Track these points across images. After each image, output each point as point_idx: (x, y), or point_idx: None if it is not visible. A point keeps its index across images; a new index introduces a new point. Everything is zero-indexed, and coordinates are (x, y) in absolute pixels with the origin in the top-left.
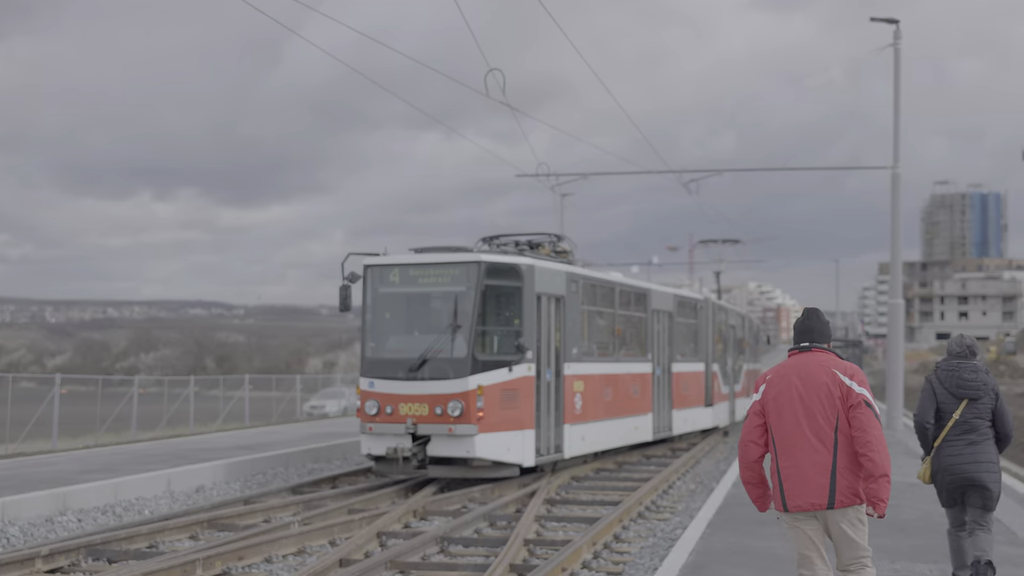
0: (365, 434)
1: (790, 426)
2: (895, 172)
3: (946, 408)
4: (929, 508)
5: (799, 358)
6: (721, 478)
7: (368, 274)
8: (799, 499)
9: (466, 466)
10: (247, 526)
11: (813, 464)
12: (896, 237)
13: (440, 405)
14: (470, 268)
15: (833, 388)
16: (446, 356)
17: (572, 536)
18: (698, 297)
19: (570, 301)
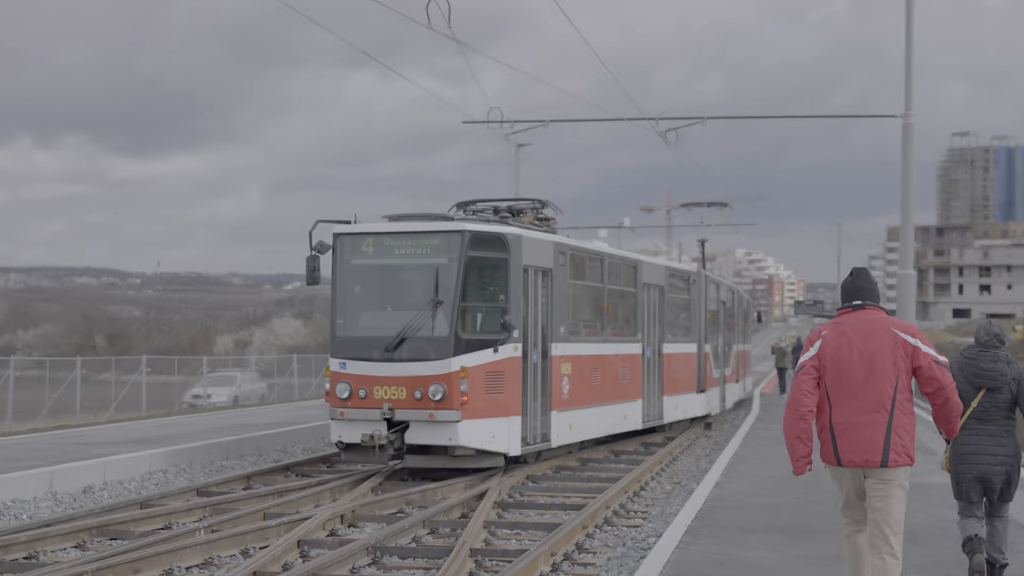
0: (336, 420)
1: (848, 383)
2: (907, 121)
3: (965, 397)
4: (942, 513)
5: (855, 316)
6: (702, 478)
7: (338, 243)
8: (853, 455)
9: (447, 455)
10: (144, 533)
11: (870, 422)
12: (907, 198)
13: (420, 388)
14: (452, 238)
15: (896, 348)
16: (426, 335)
17: (527, 545)
18: (691, 270)
19: (558, 275)
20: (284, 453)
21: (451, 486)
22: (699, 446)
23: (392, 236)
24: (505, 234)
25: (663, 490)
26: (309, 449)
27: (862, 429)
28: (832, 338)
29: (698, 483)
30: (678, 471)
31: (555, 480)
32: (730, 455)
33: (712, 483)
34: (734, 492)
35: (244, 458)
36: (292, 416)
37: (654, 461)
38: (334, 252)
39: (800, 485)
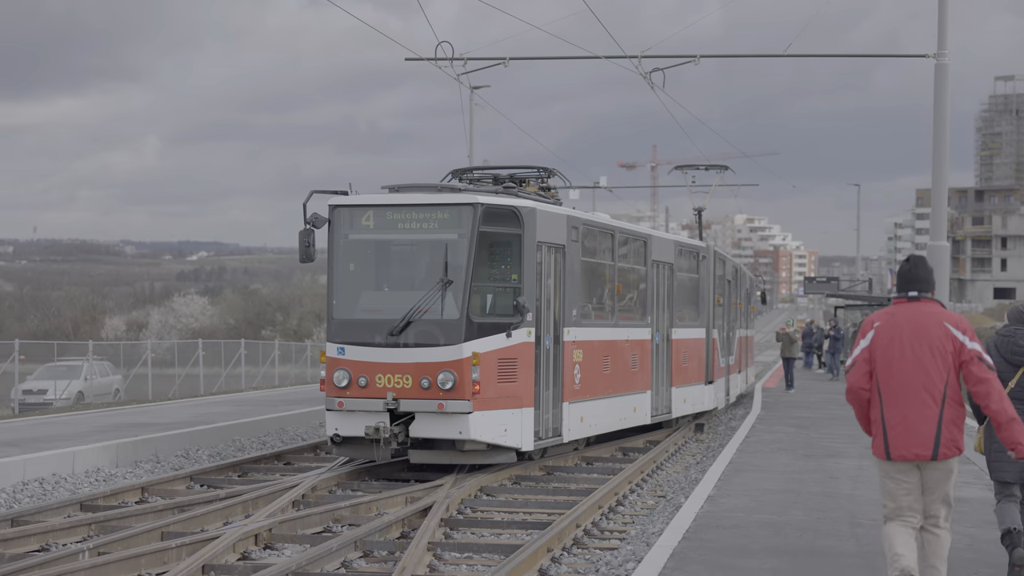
0: (333, 411)
1: (899, 376)
2: (940, 62)
3: (1003, 376)
4: (977, 533)
5: (909, 308)
6: (692, 490)
7: (335, 216)
8: (904, 449)
9: (455, 450)
10: (15, 556)
11: (920, 416)
12: (940, 154)
13: (427, 376)
14: (463, 211)
15: (945, 342)
16: (435, 317)
17: (480, 572)
18: (700, 244)
19: (570, 251)
20: (187, 459)
21: (389, 499)
22: (688, 452)
23: (395, 208)
24: (519, 207)
25: (645, 505)
26: (217, 454)
27: (913, 424)
28: (884, 330)
29: (687, 496)
30: (663, 482)
31: (514, 492)
32: (725, 463)
33: (704, 496)
34: (730, 508)
35: (138, 465)
36: (197, 415)
37: (634, 470)
38: (331, 226)
39: (811, 500)
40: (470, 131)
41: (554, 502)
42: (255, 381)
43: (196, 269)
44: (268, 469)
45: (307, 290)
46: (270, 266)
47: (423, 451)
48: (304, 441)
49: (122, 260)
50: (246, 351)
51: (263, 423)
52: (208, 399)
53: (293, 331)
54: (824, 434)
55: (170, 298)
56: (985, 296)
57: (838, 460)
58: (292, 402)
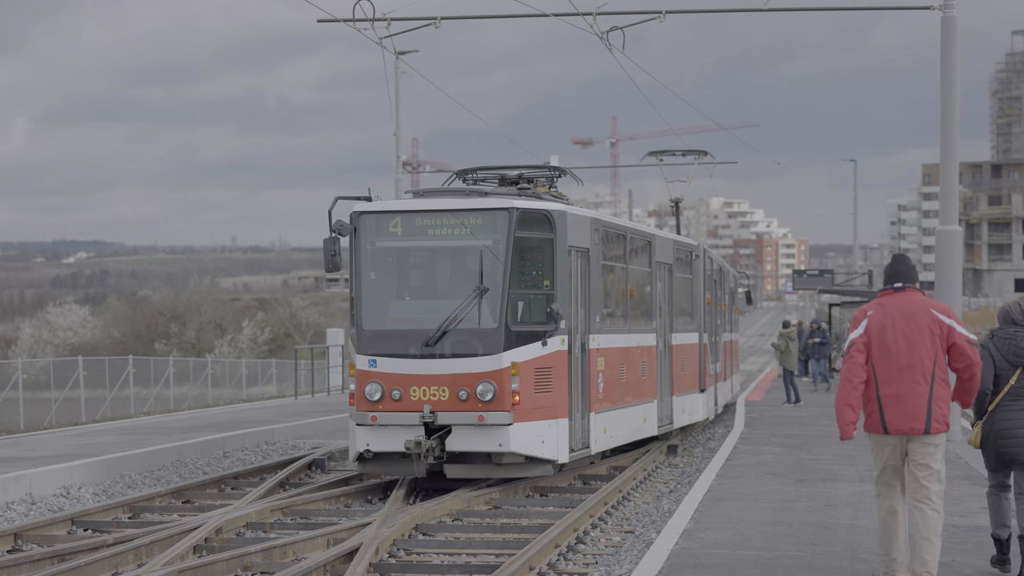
0: (365, 426)
1: (894, 358)
2: (948, 15)
3: (1003, 375)
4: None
5: (897, 297)
6: (664, 523)
7: (361, 224)
8: (899, 423)
9: (491, 464)
10: None
11: (913, 393)
12: (950, 123)
13: (465, 388)
14: (498, 217)
15: (933, 326)
16: (471, 327)
17: None
18: (692, 243)
19: (594, 255)
20: (67, 498)
21: (308, 541)
22: (659, 478)
23: (425, 215)
24: (551, 211)
25: (609, 542)
26: (103, 492)
27: (907, 400)
28: (878, 318)
29: (659, 531)
30: (630, 514)
31: (455, 531)
32: (703, 491)
33: (679, 531)
34: (710, 543)
35: (10, 507)
36: (78, 445)
37: (596, 501)
38: (356, 233)
39: (805, 532)
40: (396, 104)
41: (503, 541)
42: (146, 405)
43: (74, 273)
44: (164, 509)
45: (206, 296)
46: (162, 268)
47: (460, 466)
48: (206, 475)
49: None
50: (135, 369)
51: (157, 454)
52: (91, 427)
53: (191, 345)
54: (818, 455)
55: (43, 308)
56: (1004, 288)
57: (835, 485)
58: (191, 429)
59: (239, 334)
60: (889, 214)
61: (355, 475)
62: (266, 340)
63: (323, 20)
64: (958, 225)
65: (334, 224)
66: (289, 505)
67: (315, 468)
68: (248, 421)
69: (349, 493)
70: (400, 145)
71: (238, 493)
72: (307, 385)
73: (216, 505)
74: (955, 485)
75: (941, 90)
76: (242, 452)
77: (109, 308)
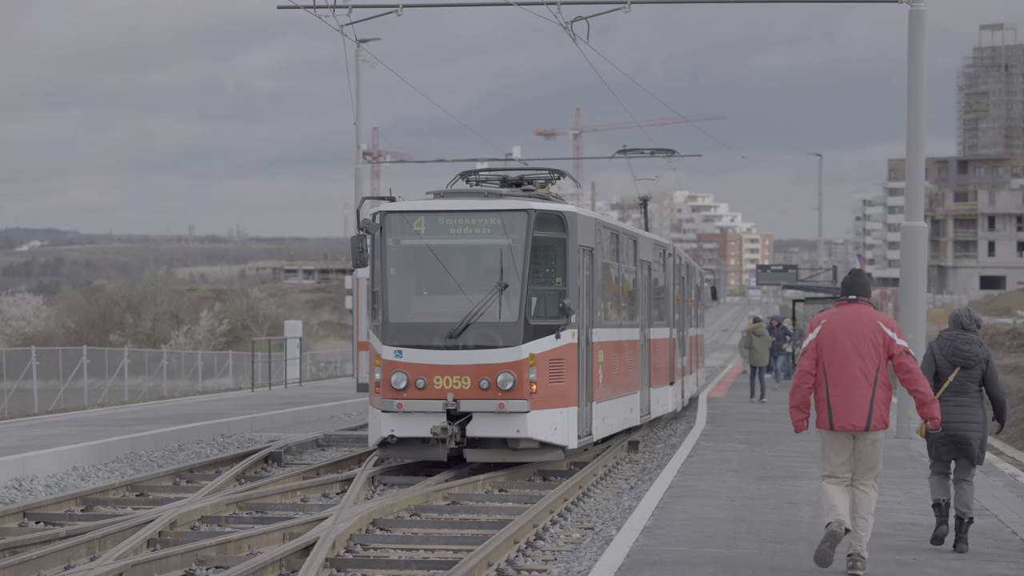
0: (390, 413)
1: (842, 363)
2: (916, 8)
3: (943, 372)
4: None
5: (850, 308)
6: (625, 520)
7: (386, 223)
8: (844, 421)
9: (507, 449)
10: None
11: (858, 396)
12: (916, 117)
13: (487, 377)
14: (517, 217)
15: (877, 336)
16: (493, 320)
17: None
18: (666, 242)
19: (597, 254)
20: (19, 491)
21: (264, 536)
22: (619, 474)
23: (447, 215)
24: (564, 213)
25: (569, 539)
26: (55, 484)
27: (852, 401)
28: (830, 326)
29: (619, 528)
30: (590, 511)
31: (413, 525)
32: (664, 487)
33: (639, 527)
34: (670, 540)
35: None
36: (30, 437)
37: (556, 497)
38: (381, 232)
39: (766, 530)
40: (356, 93)
41: (461, 537)
42: (100, 396)
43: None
44: (118, 501)
45: (161, 286)
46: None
47: (479, 450)
48: (161, 468)
49: None
50: (89, 360)
51: (110, 446)
52: (44, 418)
53: (146, 335)
54: (781, 452)
55: None
56: (970, 286)
57: (797, 482)
58: (145, 421)
59: (195, 325)
60: (854, 209)
61: (312, 469)
62: (223, 331)
63: (283, 7)
64: (923, 221)
65: (362, 222)
66: (245, 499)
67: (272, 462)
68: (204, 413)
69: (306, 487)
70: (361, 135)
71: (193, 486)
72: (264, 377)
73: (171, 498)
74: (918, 484)
75: (908, 85)
76: (197, 445)
77: (63, 297)
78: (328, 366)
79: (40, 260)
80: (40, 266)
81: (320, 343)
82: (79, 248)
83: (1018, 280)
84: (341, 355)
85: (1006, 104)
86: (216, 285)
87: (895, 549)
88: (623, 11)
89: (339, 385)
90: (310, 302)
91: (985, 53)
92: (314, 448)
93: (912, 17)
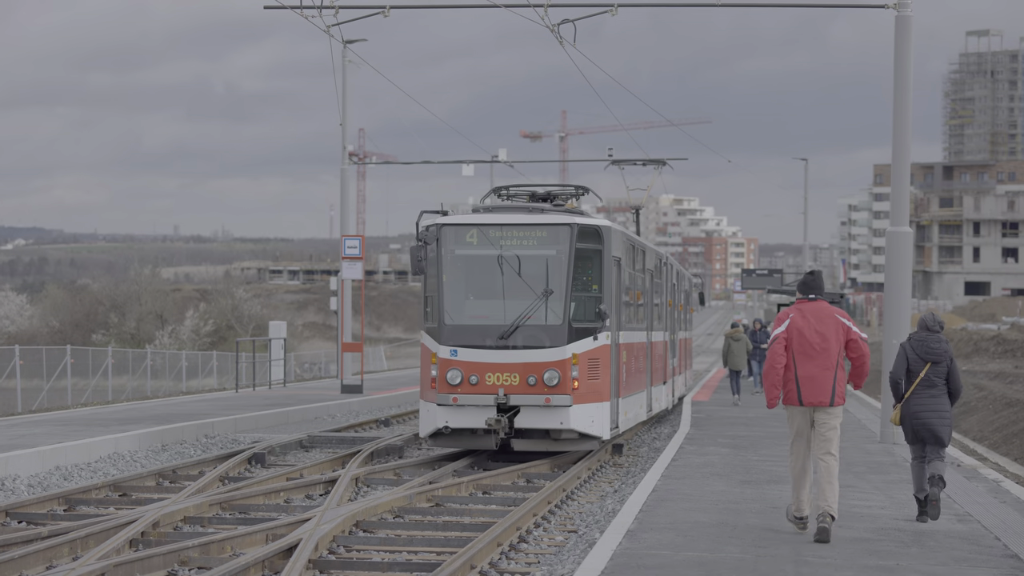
0: (446, 406)
1: (809, 349)
2: (902, 14)
3: (915, 369)
4: None
5: (812, 304)
6: (608, 523)
7: (443, 234)
8: (812, 397)
9: (550, 439)
10: None
11: (823, 376)
12: (903, 123)
13: (534, 374)
14: (561, 231)
15: (838, 327)
16: (540, 323)
17: None
18: (661, 252)
19: (624, 263)
20: (1, 490)
21: (247, 537)
22: (603, 478)
23: (498, 227)
24: (600, 226)
25: (552, 541)
26: (38, 484)
27: (818, 381)
28: (798, 319)
29: (602, 531)
30: (574, 514)
31: (396, 527)
32: (648, 491)
33: (622, 531)
34: (654, 544)
35: None
36: (13, 436)
37: (540, 500)
38: (437, 242)
39: (749, 534)
40: (342, 94)
41: (444, 539)
42: (84, 396)
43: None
44: (101, 501)
45: (146, 286)
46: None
47: (525, 440)
48: (144, 468)
49: None
50: (73, 359)
51: (93, 446)
52: (27, 418)
53: (130, 335)
54: (765, 456)
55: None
56: (955, 292)
57: (781, 487)
58: (129, 421)
59: (180, 325)
60: (840, 214)
61: (296, 470)
62: (208, 332)
63: (270, 7)
64: (909, 227)
65: (421, 233)
66: (228, 499)
67: (255, 462)
68: (188, 414)
69: (289, 488)
70: (347, 135)
71: (176, 487)
72: (248, 378)
73: (153, 499)
74: (902, 489)
75: (894, 90)
76: (181, 445)
77: (47, 296)
78: (313, 367)
79: (24, 259)
80: (24, 265)
81: (305, 344)
82: (64, 247)
83: (1003, 286)
84: (326, 356)
85: (992, 110)
86: (201, 285)
87: (879, 554)
88: (610, 14)
89: (323, 386)
90: (295, 303)
91: (971, 59)
92: (298, 449)
93: (898, 22)
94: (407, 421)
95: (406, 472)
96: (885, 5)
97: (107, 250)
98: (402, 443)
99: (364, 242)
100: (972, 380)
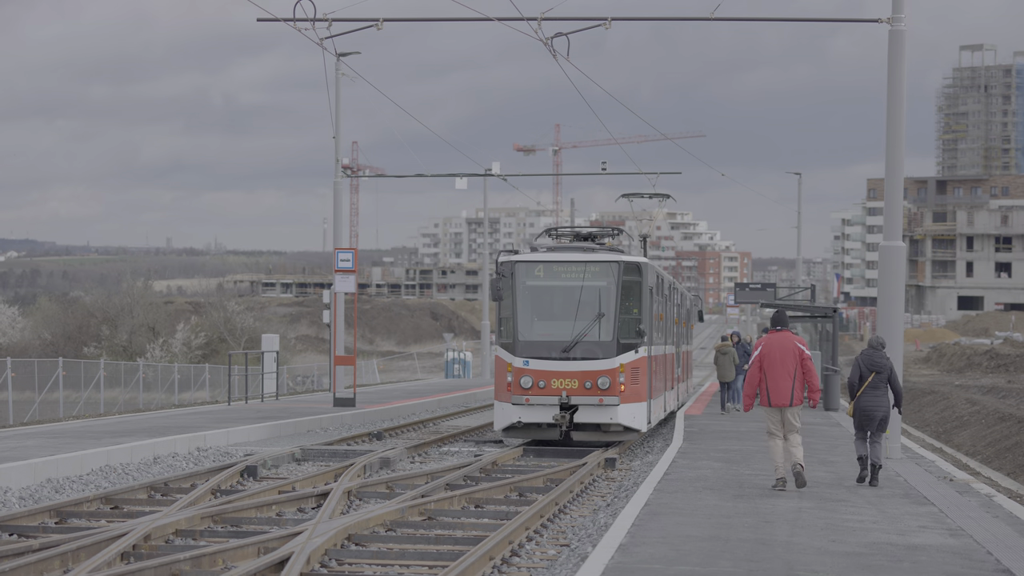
0: (519, 405)
1: (777, 366)
2: (896, 28)
3: (864, 376)
4: None
5: (778, 335)
6: (601, 537)
7: (516, 269)
8: (777, 400)
9: (600, 432)
10: None
11: (785, 385)
12: (896, 138)
13: (590, 380)
14: (611, 267)
15: (796, 351)
16: (594, 339)
17: None
18: (671, 278)
19: (655, 292)
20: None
21: (238, 550)
22: (596, 491)
23: (559, 264)
24: (640, 263)
25: (545, 555)
26: (29, 496)
27: (782, 389)
28: (767, 346)
29: (594, 545)
30: (566, 528)
31: (388, 541)
32: (640, 505)
33: (614, 545)
34: (646, 558)
35: None
36: (4, 449)
37: (532, 514)
38: (512, 276)
39: (742, 548)
40: (336, 107)
41: (436, 552)
42: (76, 408)
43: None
44: (92, 514)
45: (139, 298)
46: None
47: (582, 432)
48: (135, 481)
49: None
50: (65, 372)
51: (85, 459)
52: (18, 431)
53: (122, 348)
54: (757, 470)
55: None
56: (948, 306)
57: (773, 501)
58: (121, 433)
59: (172, 338)
60: (833, 228)
61: (288, 483)
62: (200, 344)
63: (263, 19)
64: (902, 241)
65: (499, 268)
66: (220, 512)
67: (248, 475)
68: (180, 426)
69: (281, 501)
70: (340, 149)
71: (168, 500)
72: (241, 391)
73: (145, 511)
74: (894, 503)
75: (888, 104)
76: (173, 458)
77: (39, 309)
78: (305, 380)
79: (16, 271)
80: (16, 277)
81: (297, 357)
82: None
83: (996, 301)
84: (318, 369)
85: (985, 125)
86: (193, 298)
87: (872, 569)
88: (604, 27)
89: (316, 399)
90: (288, 316)
91: (965, 74)
92: (290, 462)
93: (892, 36)
94: (400, 434)
95: (398, 485)
96: (879, 19)
97: (99, 262)
98: (394, 456)
99: (357, 255)
100: (965, 395)
